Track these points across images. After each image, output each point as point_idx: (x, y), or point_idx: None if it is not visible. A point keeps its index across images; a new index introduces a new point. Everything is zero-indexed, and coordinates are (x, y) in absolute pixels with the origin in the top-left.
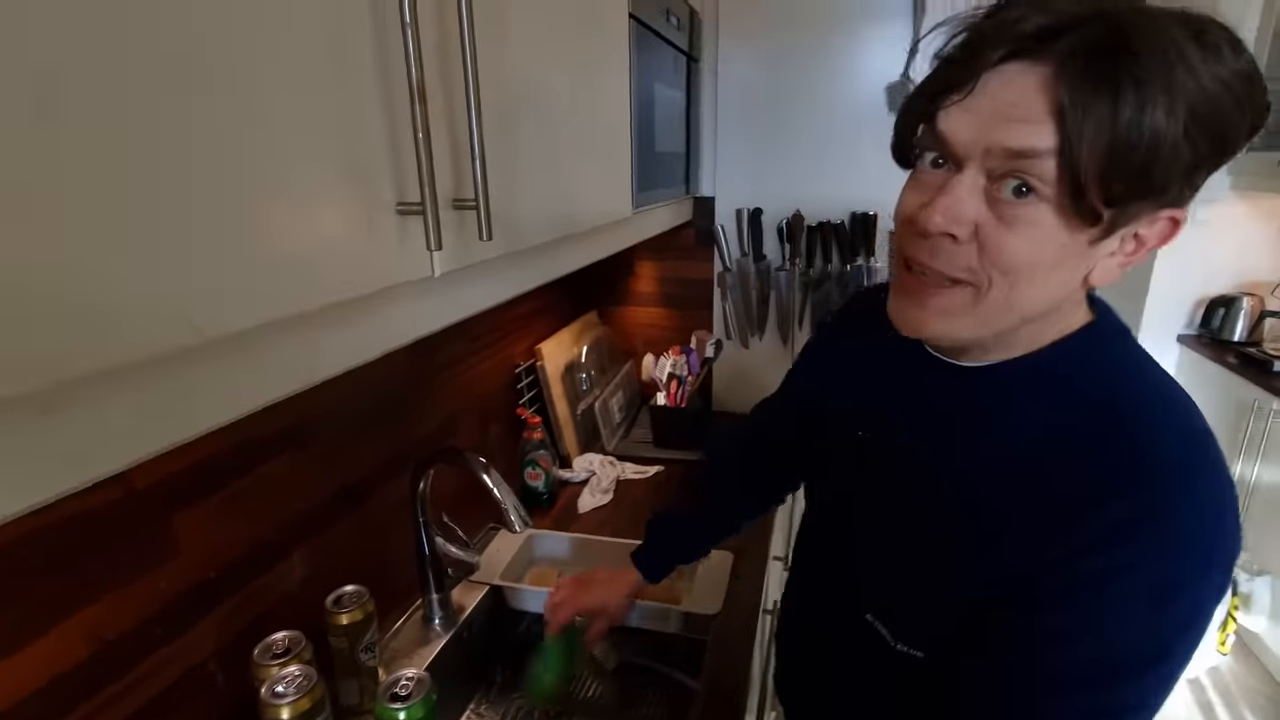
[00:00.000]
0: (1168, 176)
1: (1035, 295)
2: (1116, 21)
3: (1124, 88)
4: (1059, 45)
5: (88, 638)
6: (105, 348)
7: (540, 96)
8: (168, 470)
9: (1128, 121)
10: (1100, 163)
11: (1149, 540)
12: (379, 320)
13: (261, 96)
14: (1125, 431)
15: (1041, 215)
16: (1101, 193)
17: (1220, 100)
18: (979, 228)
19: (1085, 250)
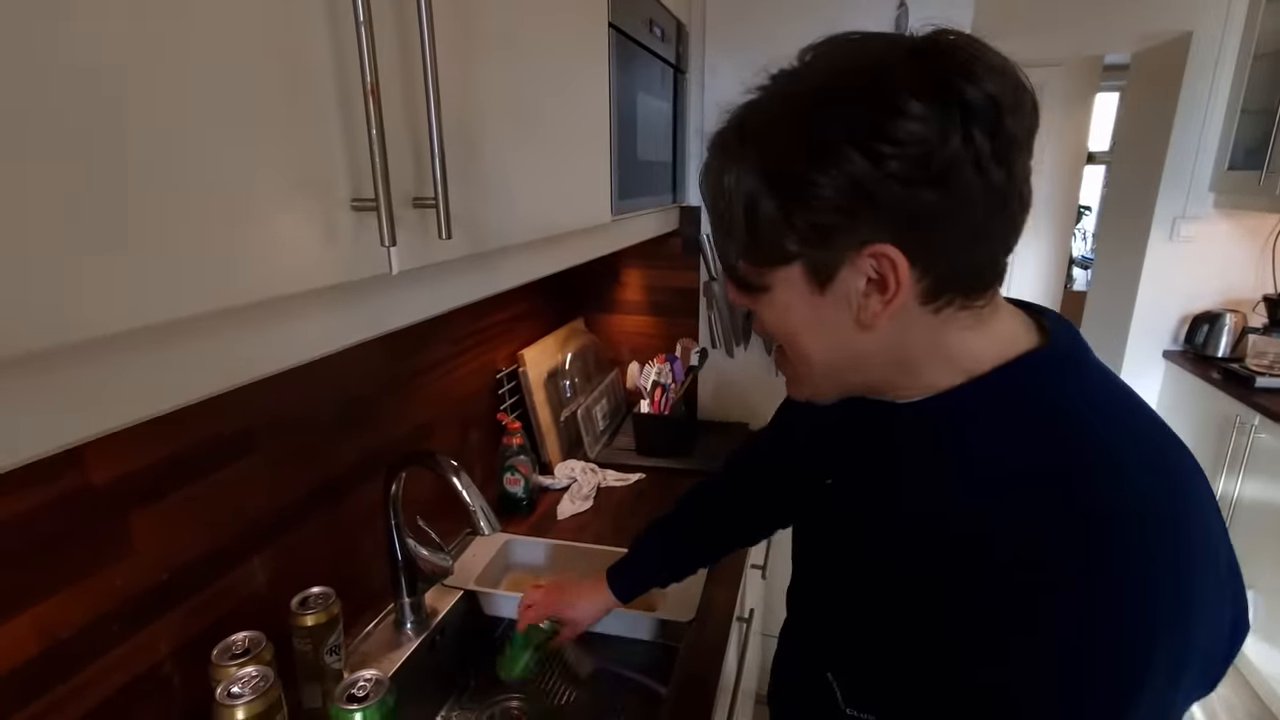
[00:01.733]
0: (783, 246)
1: (817, 348)
2: (727, 127)
3: (715, 196)
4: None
5: (39, 634)
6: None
7: (511, 101)
8: (127, 468)
9: (726, 221)
10: (722, 249)
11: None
12: (339, 315)
13: (211, 89)
14: (1077, 494)
15: (762, 300)
16: (735, 271)
17: (821, 187)
18: (748, 305)
19: (820, 302)
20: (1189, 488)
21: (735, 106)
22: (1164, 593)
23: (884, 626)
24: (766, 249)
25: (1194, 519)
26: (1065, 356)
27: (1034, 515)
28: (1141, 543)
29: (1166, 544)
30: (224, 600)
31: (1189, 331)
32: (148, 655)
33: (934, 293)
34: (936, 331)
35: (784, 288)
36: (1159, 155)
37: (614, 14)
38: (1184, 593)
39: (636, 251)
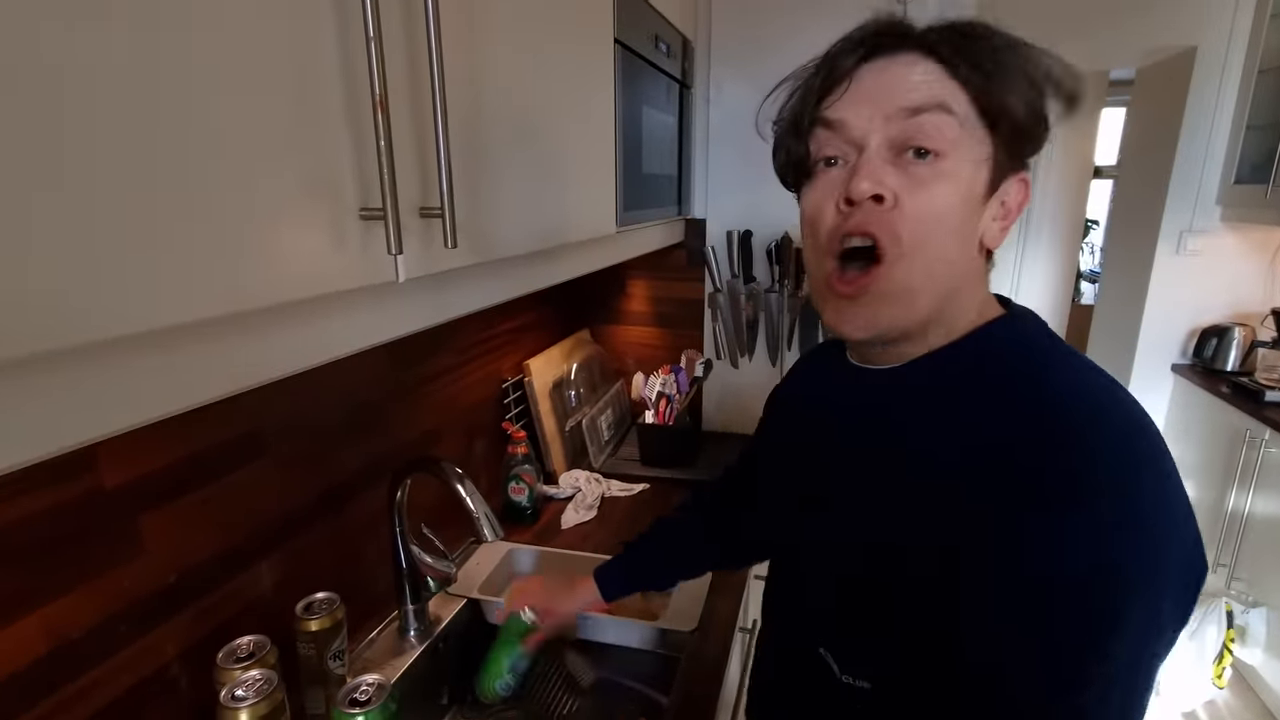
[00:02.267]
0: (1032, 136)
1: (954, 256)
2: (956, 24)
3: (984, 60)
4: (915, 39)
5: (48, 634)
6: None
7: (517, 114)
8: (139, 471)
9: (1003, 80)
10: (996, 110)
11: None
12: (347, 321)
13: (228, 99)
14: (1060, 438)
15: (944, 173)
16: (1005, 139)
17: (1058, 75)
18: (897, 195)
19: (979, 209)
20: (1150, 429)
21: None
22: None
23: (869, 595)
24: (1025, 145)
25: (1164, 462)
26: (1026, 316)
27: (1014, 472)
28: (1117, 484)
29: (1143, 485)
30: (230, 603)
31: (1197, 345)
32: (155, 657)
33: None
34: (981, 277)
35: (968, 181)
36: (1165, 169)
37: (620, 30)
38: (1160, 523)
39: (642, 263)
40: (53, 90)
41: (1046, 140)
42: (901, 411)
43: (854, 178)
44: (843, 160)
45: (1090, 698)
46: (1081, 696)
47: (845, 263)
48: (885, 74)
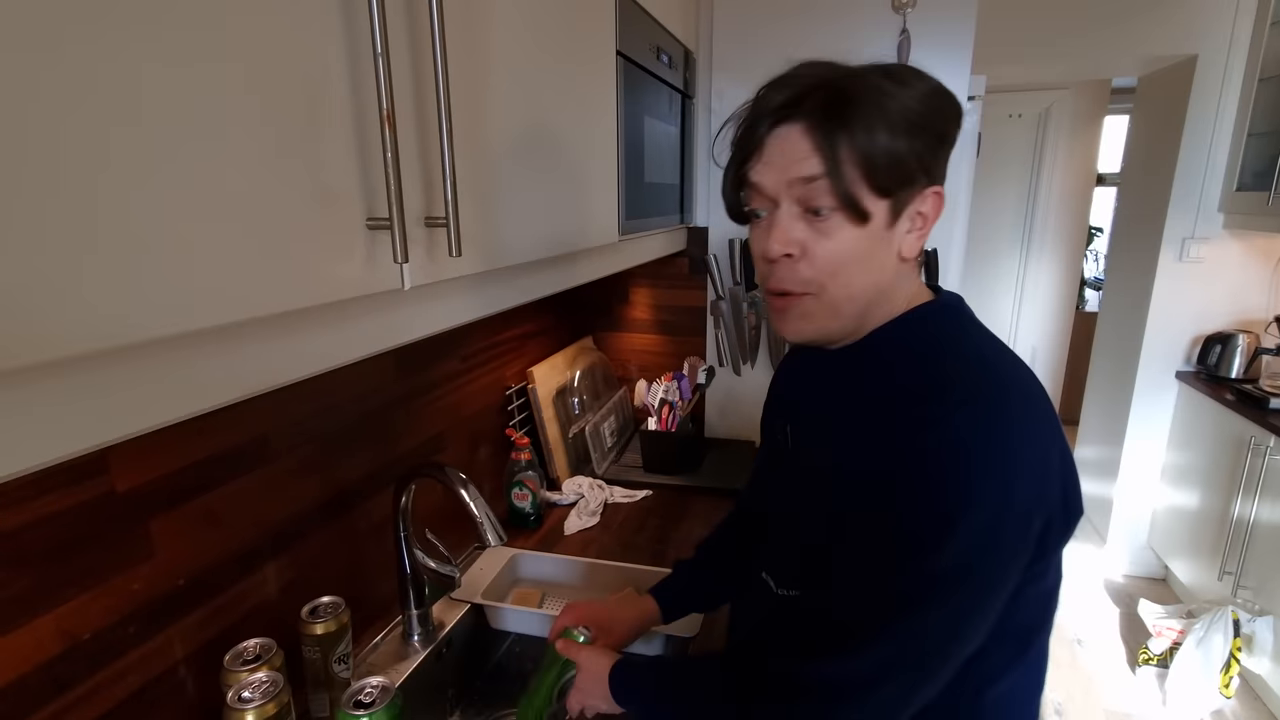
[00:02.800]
0: (909, 170)
1: (864, 282)
2: (833, 83)
3: (853, 125)
4: (801, 109)
5: (61, 635)
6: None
7: (522, 126)
8: (149, 476)
9: (866, 145)
10: (858, 175)
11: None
12: (354, 328)
13: (240, 113)
14: (937, 382)
15: (839, 223)
16: (868, 195)
17: (920, 111)
18: (804, 245)
19: (885, 236)
20: (1020, 392)
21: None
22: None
23: (809, 520)
24: (887, 175)
25: (1031, 406)
26: (949, 306)
27: (899, 423)
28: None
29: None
30: (237, 607)
31: (1201, 352)
32: (163, 659)
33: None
34: (909, 273)
35: (874, 219)
36: (1167, 177)
37: (622, 42)
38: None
39: (644, 271)
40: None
41: (942, 160)
42: (838, 380)
43: (767, 239)
44: (765, 213)
45: (927, 597)
46: (921, 594)
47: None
48: (784, 143)
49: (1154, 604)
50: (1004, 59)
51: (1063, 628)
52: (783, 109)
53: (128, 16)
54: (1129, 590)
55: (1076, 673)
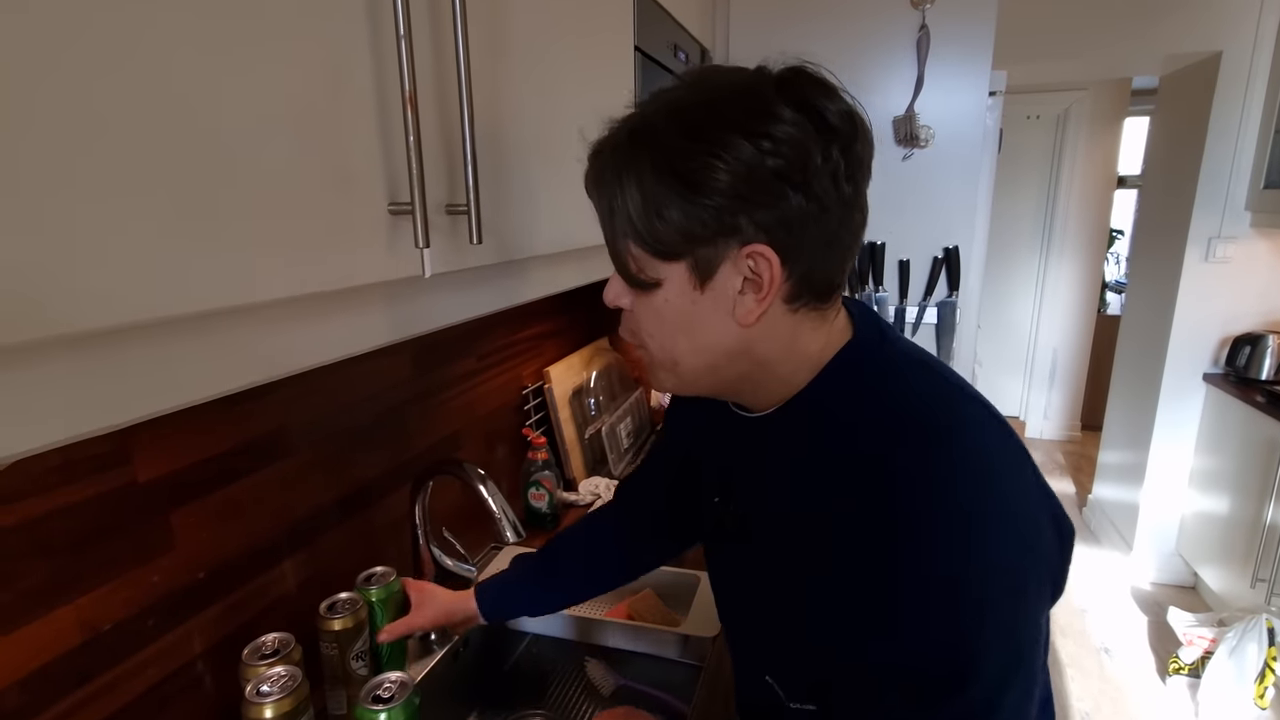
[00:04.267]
0: (689, 230)
1: (695, 346)
2: (615, 134)
3: (608, 184)
4: (590, 167)
5: (81, 626)
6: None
7: (541, 119)
8: (170, 467)
9: (625, 210)
10: (629, 239)
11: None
12: (374, 315)
13: (265, 94)
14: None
15: (645, 291)
16: (650, 261)
17: (717, 172)
18: (631, 301)
19: (699, 299)
20: (962, 429)
21: (614, 121)
22: (989, 529)
23: (790, 622)
24: (661, 241)
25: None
26: (870, 343)
27: (865, 491)
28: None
29: (981, 491)
30: (255, 601)
31: (1230, 354)
32: (182, 653)
33: (794, 295)
34: (792, 331)
35: (670, 284)
36: (1192, 176)
37: (640, 38)
38: (1007, 525)
39: None
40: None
41: (760, 206)
42: (769, 454)
43: (606, 290)
44: None
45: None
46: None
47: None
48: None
49: (1184, 612)
50: (1025, 58)
51: (1089, 636)
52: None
53: None
54: (1157, 598)
55: (1105, 683)
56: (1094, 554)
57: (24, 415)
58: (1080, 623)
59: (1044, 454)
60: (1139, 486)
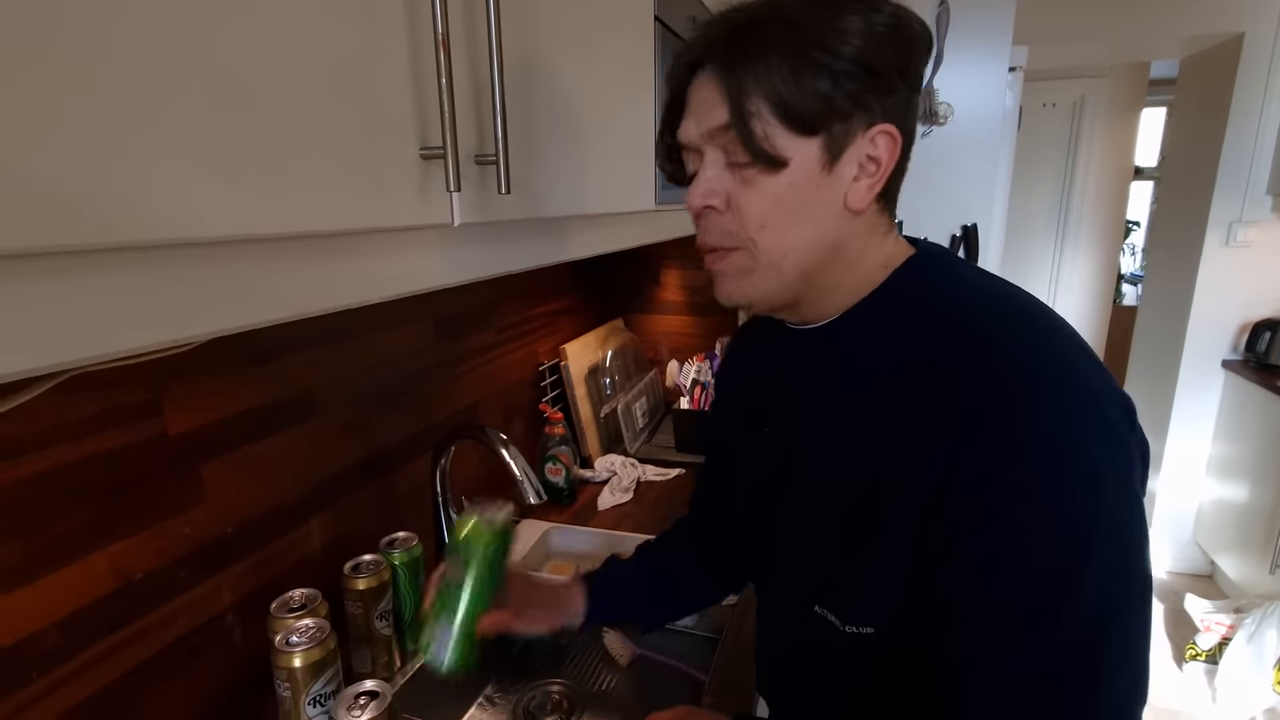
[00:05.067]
0: (837, 107)
1: (802, 235)
2: (743, 19)
3: (755, 60)
4: (710, 52)
5: (114, 573)
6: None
7: (566, 81)
8: (200, 421)
9: (772, 83)
10: (772, 116)
11: (1020, 466)
12: (405, 261)
13: (295, 36)
14: (969, 360)
15: (758, 174)
16: (786, 137)
17: (850, 42)
18: (730, 196)
19: (822, 182)
20: (1060, 345)
21: (728, 9)
22: (1079, 447)
23: (849, 542)
24: (804, 112)
25: (1078, 371)
26: (939, 256)
27: (935, 385)
28: (1041, 409)
29: (1061, 403)
30: (282, 558)
31: (1249, 339)
32: (212, 604)
33: (886, 189)
34: (873, 230)
35: (798, 163)
36: (1212, 160)
37: (660, 8)
38: (1097, 440)
39: (675, 252)
40: None
41: (891, 96)
42: (838, 369)
43: (690, 193)
44: (696, 169)
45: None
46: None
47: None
48: (698, 94)
49: (1201, 599)
50: (1042, 40)
51: None
52: (694, 56)
53: None
54: (1174, 587)
55: None
56: None
57: (94, 321)
58: None
59: None
60: (1155, 475)
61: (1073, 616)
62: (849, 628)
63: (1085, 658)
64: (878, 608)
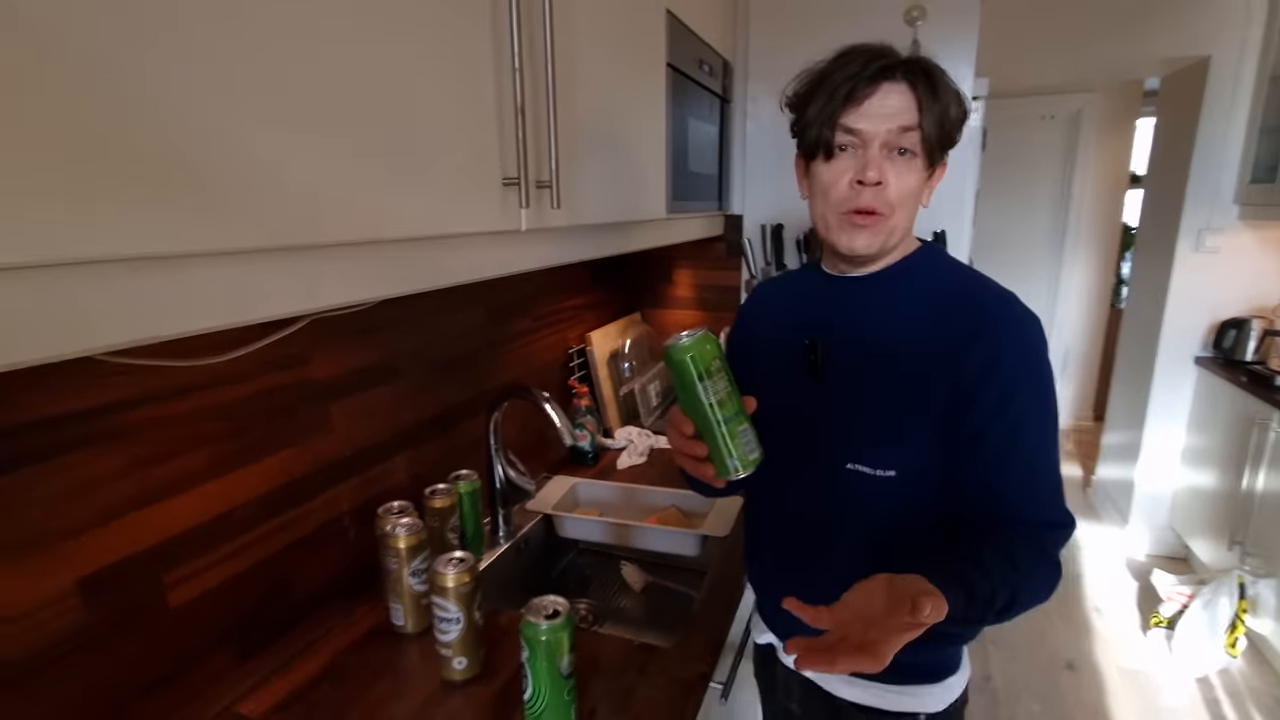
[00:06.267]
0: (953, 137)
1: (908, 216)
2: (919, 62)
3: (939, 92)
4: (903, 73)
5: (281, 472)
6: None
7: (597, 119)
8: (331, 372)
9: (944, 109)
10: (937, 130)
11: (1022, 349)
12: (488, 254)
13: (432, 104)
14: (976, 297)
15: (915, 165)
16: (938, 146)
17: (959, 101)
18: (887, 178)
19: (925, 183)
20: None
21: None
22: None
23: (894, 409)
24: (951, 143)
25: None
26: (936, 246)
27: (963, 314)
28: (1025, 311)
29: (1027, 315)
30: (379, 482)
31: (1217, 337)
32: (336, 507)
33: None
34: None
35: (923, 165)
36: (1184, 172)
37: (670, 55)
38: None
39: (686, 254)
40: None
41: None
42: (885, 296)
43: (866, 168)
44: (852, 149)
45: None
46: (1053, 433)
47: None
48: (887, 99)
49: (1168, 574)
50: (1033, 58)
51: (1083, 599)
52: (886, 71)
53: (390, 24)
54: (1149, 568)
55: (1093, 635)
56: (1094, 529)
57: (323, 283)
58: (1075, 588)
59: None
60: (1134, 465)
61: (1051, 426)
62: (879, 471)
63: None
64: (900, 456)
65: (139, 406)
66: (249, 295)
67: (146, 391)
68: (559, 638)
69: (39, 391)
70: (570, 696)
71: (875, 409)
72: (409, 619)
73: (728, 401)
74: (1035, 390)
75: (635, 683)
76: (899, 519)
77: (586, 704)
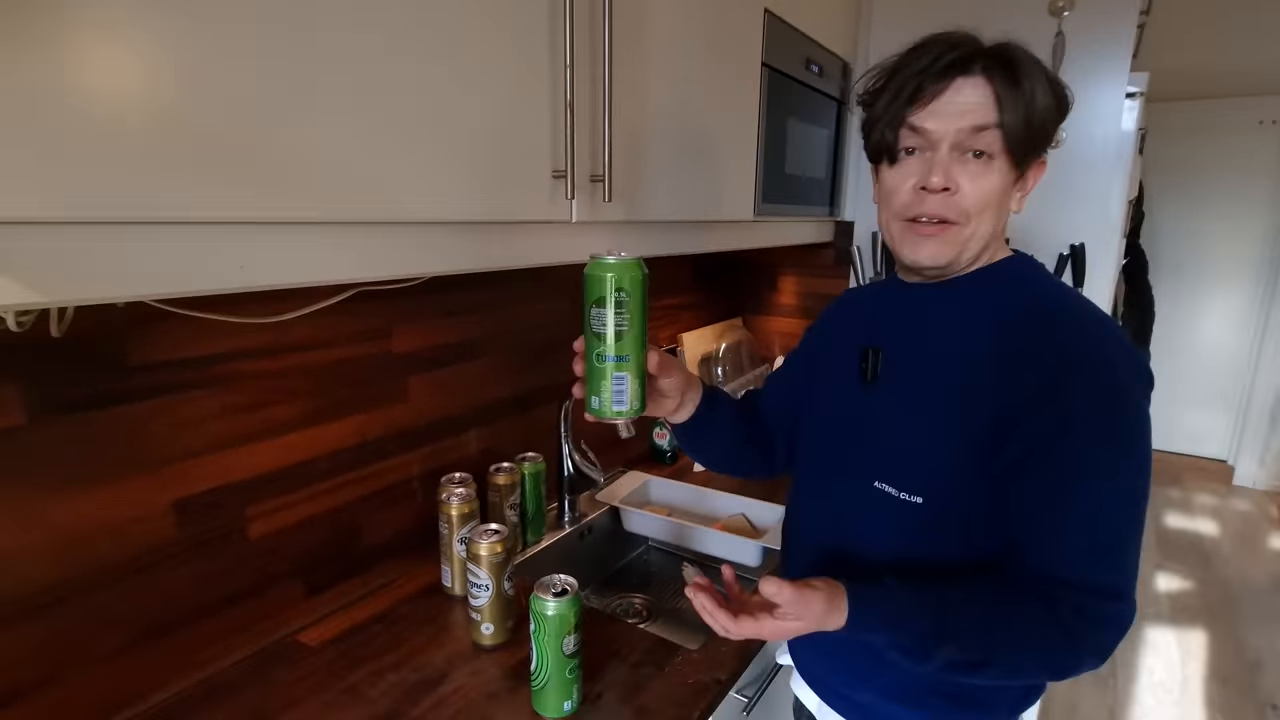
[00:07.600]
0: (1047, 135)
1: (988, 224)
2: (1001, 50)
3: (1022, 85)
4: (978, 65)
5: (357, 432)
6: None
7: (669, 115)
8: (409, 347)
9: (1029, 104)
10: (1022, 128)
11: (1095, 380)
12: (540, 243)
13: (491, 106)
14: (1049, 316)
15: (992, 169)
16: (1027, 145)
17: (1056, 88)
18: (959, 183)
19: (1010, 188)
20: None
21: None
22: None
23: (937, 431)
24: (1041, 146)
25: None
26: (1025, 256)
27: (1029, 332)
28: (1114, 339)
29: (1115, 345)
30: (450, 453)
31: None
32: (407, 470)
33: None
34: (1005, 227)
35: (1006, 167)
36: None
37: (767, 55)
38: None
39: (791, 260)
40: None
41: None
42: (949, 309)
43: (930, 173)
44: (919, 151)
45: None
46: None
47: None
48: (959, 95)
49: None
50: (1242, 54)
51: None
52: (958, 64)
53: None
54: None
55: None
56: None
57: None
58: (1254, 677)
59: (1253, 504)
60: None
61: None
62: (904, 495)
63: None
64: (929, 480)
65: (240, 359)
66: (302, 261)
67: (247, 348)
68: (564, 615)
69: (165, 337)
70: (573, 675)
71: (911, 423)
72: (455, 581)
73: (622, 341)
74: (1108, 432)
75: (650, 676)
76: (924, 560)
77: (595, 688)
